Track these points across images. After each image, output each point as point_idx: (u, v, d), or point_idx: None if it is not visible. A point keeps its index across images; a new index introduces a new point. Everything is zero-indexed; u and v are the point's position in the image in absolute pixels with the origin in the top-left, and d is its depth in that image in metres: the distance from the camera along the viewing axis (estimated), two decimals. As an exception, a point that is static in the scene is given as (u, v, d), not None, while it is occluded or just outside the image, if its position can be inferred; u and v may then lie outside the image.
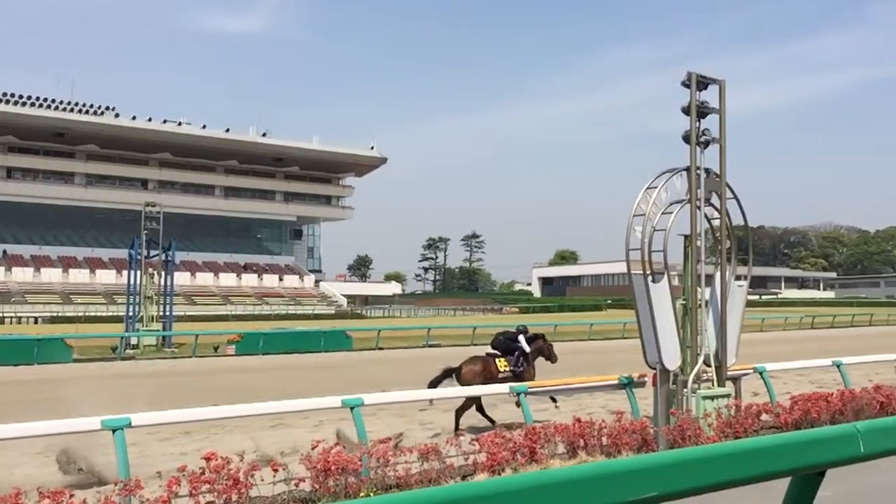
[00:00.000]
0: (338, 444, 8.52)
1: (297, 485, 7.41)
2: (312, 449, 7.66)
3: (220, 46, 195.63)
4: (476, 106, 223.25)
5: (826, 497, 6.46)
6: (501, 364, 12.70)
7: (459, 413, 12.05)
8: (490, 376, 12.30)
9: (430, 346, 34.26)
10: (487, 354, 13.15)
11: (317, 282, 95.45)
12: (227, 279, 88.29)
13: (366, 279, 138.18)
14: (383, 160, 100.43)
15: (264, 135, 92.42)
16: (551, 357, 13.61)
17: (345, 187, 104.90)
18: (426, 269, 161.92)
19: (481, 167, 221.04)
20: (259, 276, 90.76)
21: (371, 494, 7.16)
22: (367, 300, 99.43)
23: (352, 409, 8.81)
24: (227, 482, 6.83)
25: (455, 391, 11.15)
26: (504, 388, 11.11)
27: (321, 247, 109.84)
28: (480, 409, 12.21)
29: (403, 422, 12.80)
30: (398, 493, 2.38)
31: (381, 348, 33.08)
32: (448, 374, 12.39)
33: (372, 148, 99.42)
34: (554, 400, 12.66)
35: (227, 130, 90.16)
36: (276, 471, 7.29)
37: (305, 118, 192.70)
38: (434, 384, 12.03)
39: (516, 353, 12.98)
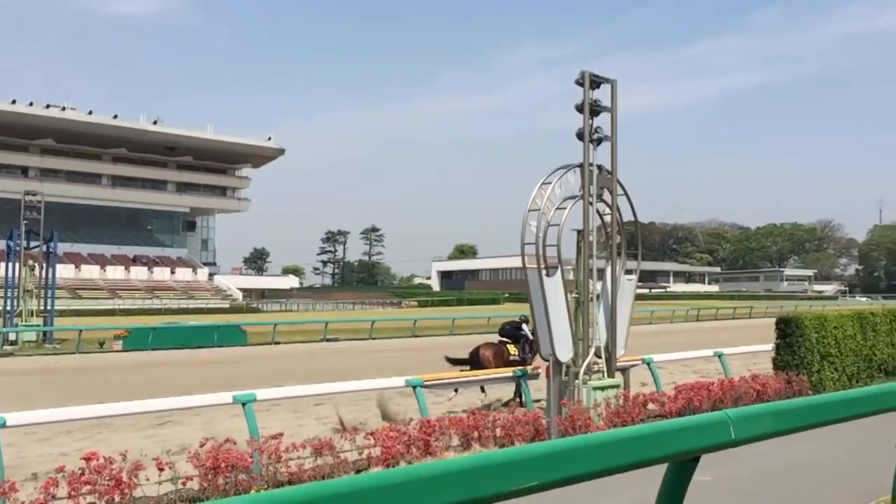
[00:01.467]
0: (341, 430, 8.31)
1: (184, 484, 7.18)
2: (201, 446, 7.45)
3: (109, 29, 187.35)
4: (377, 100, 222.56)
5: (706, 481, 6.79)
6: (511, 349, 13.91)
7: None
8: (503, 360, 13.51)
9: (328, 340, 33.96)
10: (499, 341, 14.28)
11: (211, 275, 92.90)
12: (115, 272, 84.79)
13: (262, 272, 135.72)
14: (281, 151, 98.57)
15: (155, 122, 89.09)
16: None
17: (241, 178, 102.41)
18: (325, 263, 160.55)
19: (382, 161, 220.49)
20: (149, 269, 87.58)
21: (262, 491, 7.02)
22: (263, 294, 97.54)
23: (244, 405, 8.62)
24: (109, 483, 6.56)
25: (349, 386, 11.05)
26: (401, 381, 11.11)
27: (216, 239, 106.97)
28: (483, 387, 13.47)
29: (298, 417, 12.63)
30: (281, 489, 2.32)
31: (277, 343, 32.52)
32: (467, 360, 13.79)
33: (269, 139, 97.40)
34: (483, 390, 13.38)
35: (115, 117, 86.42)
36: (161, 470, 7.04)
37: (201, 107, 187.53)
38: (454, 363, 13.83)
39: (522, 340, 14.08)
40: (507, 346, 13.98)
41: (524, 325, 14.17)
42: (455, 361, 13.98)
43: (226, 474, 7.22)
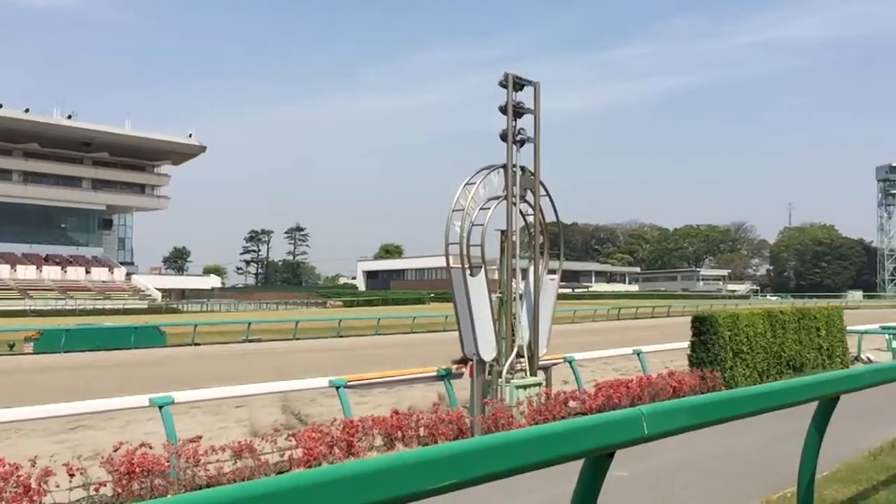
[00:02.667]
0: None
1: (97, 490, 6.94)
2: (115, 451, 7.22)
3: (23, 22, 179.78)
4: (303, 98, 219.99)
5: (623, 477, 6.93)
6: None
7: None
8: None
9: (251, 341, 33.39)
10: None
11: (128, 275, 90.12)
12: (27, 272, 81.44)
13: (183, 272, 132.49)
14: (202, 148, 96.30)
15: (70, 117, 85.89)
16: None
17: (160, 176, 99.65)
18: (248, 263, 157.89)
19: (307, 159, 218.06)
20: (63, 269, 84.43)
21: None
22: (184, 294, 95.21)
23: (161, 408, 8.39)
24: (16, 490, 6.29)
25: (271, 387, 10.88)
26: (324, 381, 10.99)
27: (133, 238, 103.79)
28: None
29: (219, 420, 12.38)
30: (196, 492, 2.28)
31: (197, 344, 31.80)
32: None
33: (190, 135, 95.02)
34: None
35: (27, 111, 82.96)
36: (72, 475, 6.80)
37: (120, 103, 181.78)
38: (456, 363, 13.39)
39: None
40: None
41: None
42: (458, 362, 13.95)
43: (141, 479, 7.02)
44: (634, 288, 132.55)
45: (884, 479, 6.80)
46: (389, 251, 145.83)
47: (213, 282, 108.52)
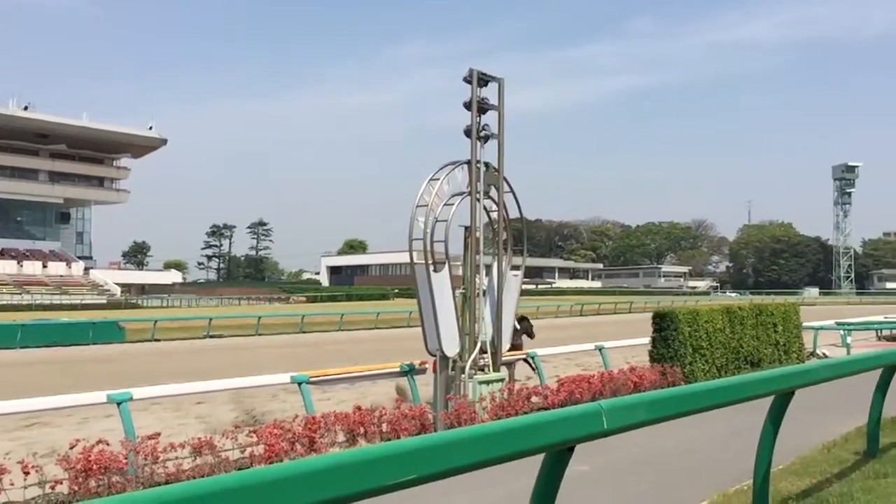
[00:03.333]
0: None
1: (52, 487, 6.82)
2: (71, 448, 7.10)
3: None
4: (267, 93, 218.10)
5: (584, 471, 6.99)
6: None
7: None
8: None
9: (212, 336, 33.04)
10: None
11: (87, 269, 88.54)
12: (-19, 266, 79.68)
13: (143, 267, 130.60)
14: (163, 141, 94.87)
15: (26, 108, 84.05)
16: (530, 334, 15.86)
17: (119, 169, 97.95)
18: (210, 258, 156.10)
19: (271, 154, 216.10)
20: (19, 263, 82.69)
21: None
22: (143, 289, 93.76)
23: (118, 404, 8.26)
24: (-32, 490, 6.15)
25: (232, 383, 10.78)
26: (286, 377, 10.91)
27: (92, 232, 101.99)
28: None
29: (178, 416, 12.23)
30: (154, 489, 2.25)
31: (157, 340, 31.39)
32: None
33: (150, 128, 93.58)
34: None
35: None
36: (27, 473, 6.66)
37: (79, 95, 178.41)
38: None
39: (513, 331, 15.11)
40: None
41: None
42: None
43: (98, 476, 6.91)
44: (597, 284, 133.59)
45: (837, 471, 6.95)
46: (353, 247, 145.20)
47: (174, 277, 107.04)
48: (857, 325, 26.50)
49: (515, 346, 15.15)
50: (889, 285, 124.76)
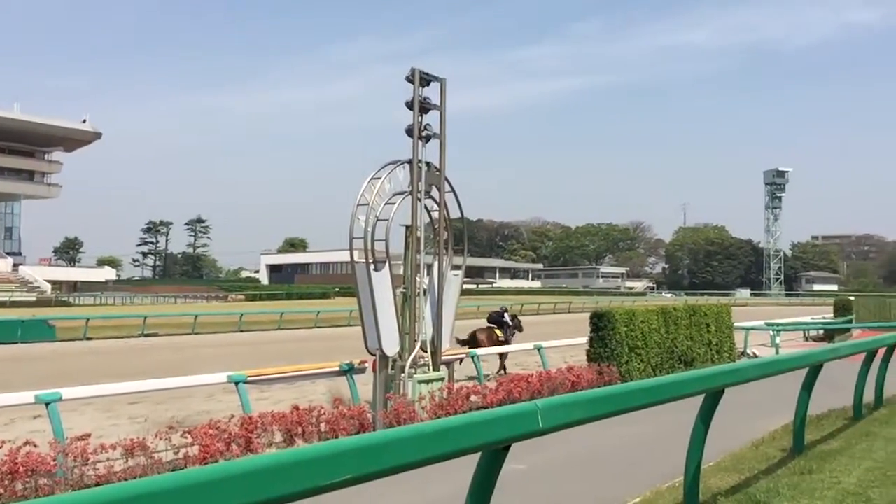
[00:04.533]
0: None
1: (-24, 492, 6.59)
2: (-4, 450, 6.88)
3: None
4: (208, 88, 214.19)
5: (521, 470, 7.06)
6: (498, 333, 17.78)
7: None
8: (493, 341, 17.25)
9: (147, 335, 32.32)
10: (488, 327, 18.12)
11: (15, 265, 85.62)
12: None
13: (75, 264, 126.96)
14: (97, 135, 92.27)
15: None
16: (520, 328, 18.91)
17: (51, 163, 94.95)
18: (145, 255, 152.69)
19: (210, 149, 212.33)
20: (-58, 259, 79.60)
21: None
22: (75, 286, 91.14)
23: (47, 404, 8.02)
24: None
25: (166, 383, 10.58)
26: (222, 377, 10.76)
27: (21, 227, 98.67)
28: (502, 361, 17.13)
29: (110, 417, 11.94)
30: (81, 491, 2.20)
31: (89, 338, 30.57)
32: (468, 340, 17.07)
33: (84, 121, 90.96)
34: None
35: None
36: (-52, 478, 6.43)
37: (9, 86, 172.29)
38: (461, 343, 16.61)
39: (504, 326, 18.17)
40: (495, 330, 17.87)
41: (505, 315, 18.50)
42: (461, 342, 16.83)
43: (25, 479, 6.71)
44: (537, 284, 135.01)
45: (764, 468, 7.16)
46: (294, 245, 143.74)
47: (108, 274, 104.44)
48: (785, 325, 27.36)
49: (506, 342, 17.60)
50: (816, 287, 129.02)
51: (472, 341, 17.08)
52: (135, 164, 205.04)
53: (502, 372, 16.27)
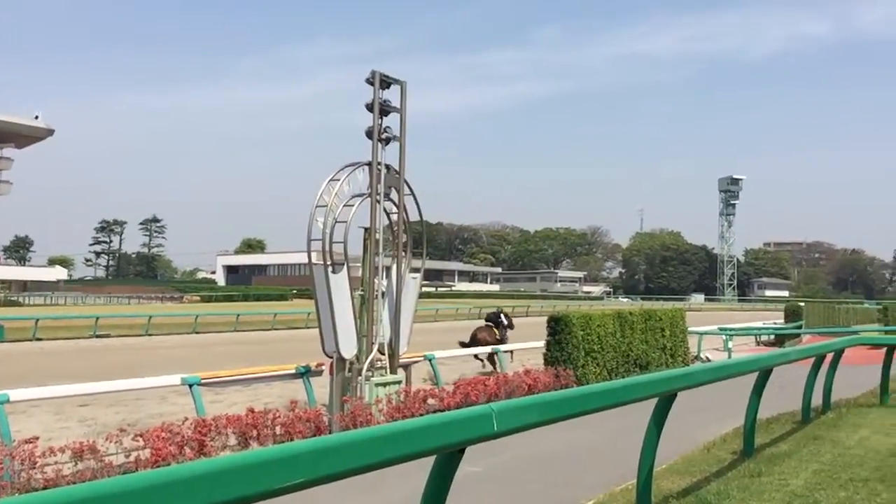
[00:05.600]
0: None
1: (-83, 496, 6.41)
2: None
3: None
4: (166, 86, 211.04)
5: (476, 472, 7.08)
6: (497, 332, 18.82)
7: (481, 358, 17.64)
8: (493, 339, 18.14)
9: (99, 336, 31.69)
10: (487, 325, 19.27)
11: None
12: None
13: (25, 263, 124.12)
14: (50, 132, 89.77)
15: None
16: (511, 326, 19.78)
17: (2, 159, 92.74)
18: (98, 254, 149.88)
19: (167, 149, 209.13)
20: None
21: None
22: (25, 286, 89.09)
23: (-7, 407, 7.83)
24: None
25: (118, 385, 10.41)
26: (176, 379, 10.60)
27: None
28: (490, 359, 17.11)
29: (60, 419, 11.69)
30: (28, 494, 2.16)
31: (39, 339, 29.85)
32: (469, 341, 17.93)
33: (36, 117, 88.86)
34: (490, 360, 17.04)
35: None
36: None
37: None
38: (464, 345, 17.59)
39: (500, 325, 19.21)
40: (494, 329, 18.95)
41: (501, 315, 19.63)
42: (463, 344, 17.76)
43: (-32, 484, 6.54)
44: (496, 288, 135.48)
45: (715, 470, 7.29)
46: (252, 246, 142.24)
47: (59, 273, 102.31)
48: (737, 330, 27.87)
49: (501, 340, 18.35)
50: (768, 293, 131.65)
51: (474, 341, 17.94)
52: (89, 161, 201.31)
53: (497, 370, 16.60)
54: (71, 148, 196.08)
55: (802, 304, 35.09)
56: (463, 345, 17.90)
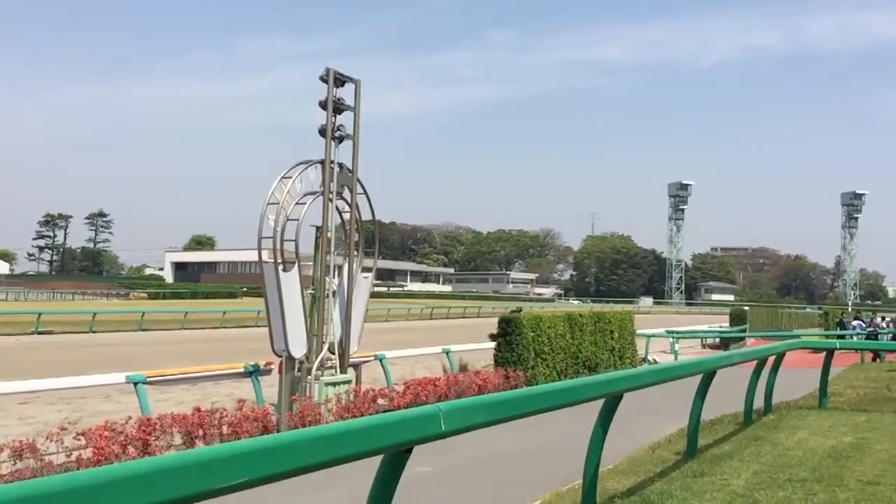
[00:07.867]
0: None
1: None
2: None
3: None
4: (113, 79, 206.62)
5: (426, 472, 7.09)
6: None
7: None
8: None
9: (41, 332, 30.93)
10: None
11: None
12: None
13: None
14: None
15: None
16: None
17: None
18: (42, 249, 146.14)
19: (114, 143, 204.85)
20: None
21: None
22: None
23: (-72, 404, 7.59)
24: None
25: (60, 383, 10.17)
26: (120, 377, 10.41)
27: None
28: None
29: (-2, 417, 11.38)
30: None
31: (-22, 335, 29.02)
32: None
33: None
34: None
35: None
36: None
37: None
38: (492, 337, 16.26)
39: None
40: None
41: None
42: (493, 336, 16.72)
43: None
44: (448, 288, 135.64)
45: (660, 470, 7.41)
46: (201, 243, 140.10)
47: (0, 268, 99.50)
48: (684, 333, 28.41)
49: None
50: (714, 297, 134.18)
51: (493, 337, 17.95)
52: (31, 155, 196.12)
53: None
54: (12, 139, 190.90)
55: (747, 308, 35.92)
56: (492, 337, 17.90)
